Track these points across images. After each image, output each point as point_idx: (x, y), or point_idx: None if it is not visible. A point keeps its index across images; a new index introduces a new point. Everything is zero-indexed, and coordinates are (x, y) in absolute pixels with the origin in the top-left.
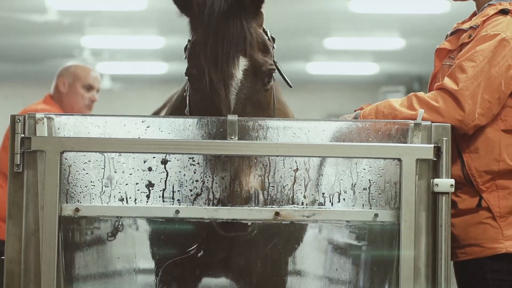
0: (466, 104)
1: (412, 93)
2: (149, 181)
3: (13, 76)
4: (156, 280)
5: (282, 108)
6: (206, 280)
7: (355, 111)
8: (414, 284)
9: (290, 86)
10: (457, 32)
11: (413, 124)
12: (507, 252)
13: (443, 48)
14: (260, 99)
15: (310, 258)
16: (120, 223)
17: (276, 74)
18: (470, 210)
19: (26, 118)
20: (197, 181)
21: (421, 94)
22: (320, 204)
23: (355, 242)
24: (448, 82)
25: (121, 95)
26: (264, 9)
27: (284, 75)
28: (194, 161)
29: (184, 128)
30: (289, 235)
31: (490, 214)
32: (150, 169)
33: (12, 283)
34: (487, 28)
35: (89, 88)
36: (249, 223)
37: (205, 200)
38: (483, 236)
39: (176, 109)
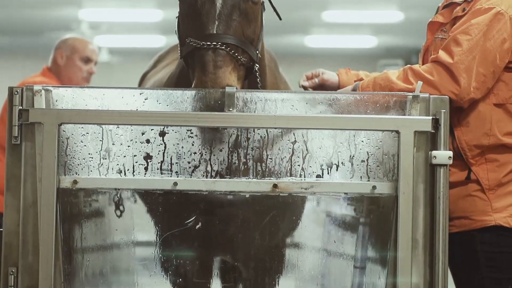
0: (461, 78)
1: (408, 66)
2: (147, 153)
3: (11, 48)
4: (155, 252)
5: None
6: (205, 253)
7: (354, 81)
8: (412, 256)
9: (280, 19)
10: (450, 5)
11: (411, 96)
12: (496, 225)
13: (436, 21)
14: (247, 10)
15: (308, 230)
16: (119, 195)
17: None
18: (459, 183)
19: (24, 90)
20: (195, 153)
21: (416, 67)
22: (318, 176)
23: (353, 214)
24: (443, 55)
25: (119, 68)
26: None
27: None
28: (192, 133)
29: (182, 100)
30: (287, 207)
31: (479, 187)
32: (148, 141)
33: (10, 255)
34: (481, 1)
35: (87, 60)
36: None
37: (203, 172)
38: (472, 209)
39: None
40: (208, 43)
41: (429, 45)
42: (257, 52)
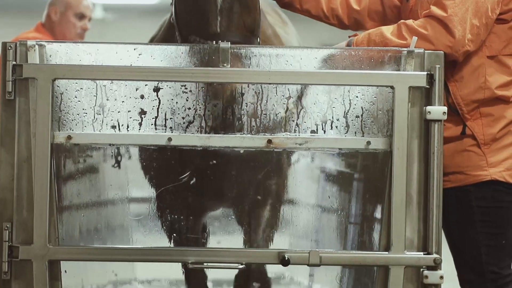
0: (455, 30)
1: (401, 21)
2: (141, 108)
3: (4, 5)
4: (149, 208)
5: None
6: (199, 208)
7: (349, 37)
8: (406, 211)
9: None
10: None
11: (406, 52)
12: (492, 179)
13: None
14: (247, 0)
15: (303, 186)
16: (113, 151)
17: None
18: (455, 138)
19: (17, 45)
20: (189, 108)
21: (409, 22)
22: (313, 132)
23: (347, 170)
24: (435, 9)
25: (113, 25)
26: None
27: None
28: (186, 88)
29: (176, 55)
30: (281, 163)
31: (475, 142)
32: (142, 96)
33: (4, 210)
34: None
35: (81, 16)
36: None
37: (198, 128)
38: (468, 164)
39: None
40: (214, 41)
41: (413, 5)
42: (258, 39)
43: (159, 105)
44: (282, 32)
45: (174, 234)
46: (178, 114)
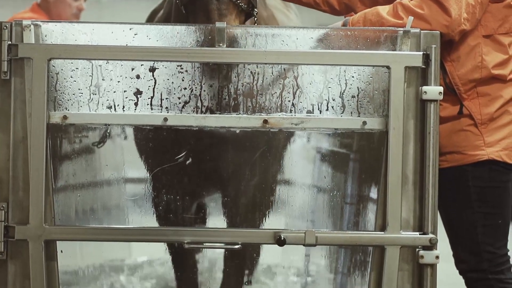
0: (451, 9)
1: (398, 1)
2: (137, 88)
3: None
4: (145, 188)
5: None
6: (194, 187)
7: (345, 17)
8: (402, 191)
9: None
10: None
11: (402, 32)
12: (489, 159)
13: None
14: None
15: (298, 166)
16: (109, 131)
17: None
18: (452, 118)
19: (13, 25)
20: (185, 88)
21: (405, 1)
22: (309, 112)
23: (343, 150)
24: None
25: (109, 5)
26: None
27: None
28: (182, 68)
29: (172, 35)
30: (277, 143)
31: (472, 121)
32: (138, 76)
33: (0, 190)
34: None
35: None
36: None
37: (194, 108)
38: (465, 144)
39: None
40: None
41: None
42: (254, 11)
43: (154, 85)
44: (281, 16)
45: (170, 215)
46: (174, 94)
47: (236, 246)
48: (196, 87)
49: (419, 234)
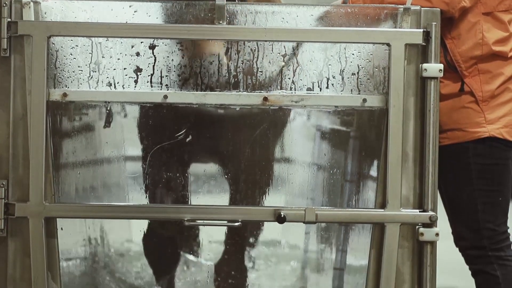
0: None
1: None
2: (137, 66)
3: None
4: (144, 165)
5: None
6: (194, 165)
7: None
8: (402, 168)
9: None
10: None
11: (402, 9)
12: (490, 136)
13: None
14: None
15: (298, 144)
16: (108, 109)
17: None
18: (453, 95)
19: (12, 2)
20: (185, 66)
21: None
22: (309, 89)
23: (343, 128)
24: None
25: None
26: None
27: None
28: (182, 46)
29: (172, 12)
30: (277, 121)
31: (473, 98)
32: (138, 54)
33: (0, 168)
34: None
35: None
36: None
37: (193, 86)
38: (466, 121)
39: None
40: None
41: None
42: None
43: (154, 63)
44: None
45: (170, 192)
46: (174, 71)
47: (236, 224)
48: (196, 65)
49: (419, 212)
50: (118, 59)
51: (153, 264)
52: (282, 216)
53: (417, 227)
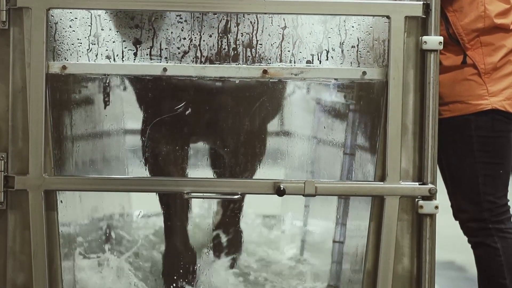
0: None
1: None
2: (136, 38)
3: None
4: (144, 139)
5: None
6: (194, 139)
7: None
8: (401, 141)
9: None
10: None
11: None
12: (492, 108)
13: None
14: None
15: (298, 117)
16: (108, 81)
17: None
18: (455, 67)
19: None
20: (184, 38)
21: None
22: (308, 62)
23: (343, 101)
24: None
25: None
26: None
27: None
28: (181, 18)
29: None
30: (276, 93)
31: (475, 71)
32: (137, 26)
33: (0, 140)
34: None
35: None
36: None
37: (193, 58)
38: (469, 93)
39: None
40: None
41: None
42: None
43: (154, 35)
44: None
45: (170, 165)
46: (173, 44)
47: (236, 196)
48: (195, 37)
49: (419, 184)
50: (117, 31)
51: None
52: (282, 188)
53: (416, 200)
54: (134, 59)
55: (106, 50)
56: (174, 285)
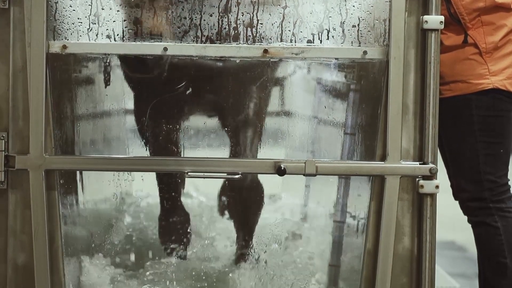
0: None
1: None
2: (136, 18)
3: None
4: (144, 118)
5: None
6: (194, 119)
7: None
8: (402, 121)
9: None
10: None
11: None
12: (493, 88)
13: None
14: None
15: (299, 97)
16: (108, 61)
17: None
18: (456, 47)
19: None
20: (185, 18)
21: None
22: (309, 41)
23: (343, 81)
24: None
25: None
26: None
27: None
28: None
29: None
30: (277, 73)
31: (477, 50)
32: (137, 5)
33: (0, 120)
34: None
35: None
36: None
37: (194, 38)
38: (470, 72)
39: None
40: None
41: None
42: None
43: (154, 15)
44: None
45: (170, 144)
46: (174, 23)
47: (237, 176)
48: (196, 16)
49: (419, 164)
50: (118, 10)
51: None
52: (282, 168)
53: (417, 179)
54: (135, 39)
55: (107, 29)
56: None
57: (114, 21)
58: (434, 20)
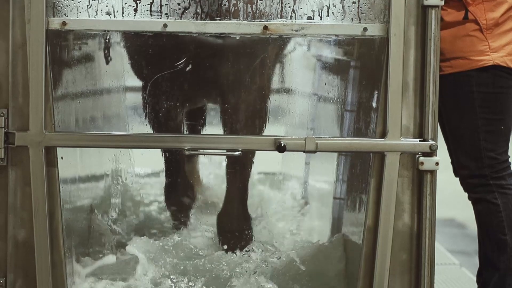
0: None
1: None
2: None
3: None
4: (145, 95)
5: None
6: (195, 96)
7: None
8: (402, 98)
9: None
10: None
11: None
12: (494, 64)
13: None
14: None
15: (299, 74)
16: (108, 38)
17: None
18: (457, 23)
19: None
20: None
21: None
22: (309, 18)
23: (344, 58)
24: None
25: None
26: None
27: None
28: None
29: None
30: (277, 50)
31: (477, 27)
32: None
33: (0, 97)
34: None
35: None
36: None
37: (193, 14)
38: (470, 49)
39: None
40: None
41: None
42: None
43: None
44: None
45: (170, 122)
46: (174, 0)
47: (236, 153)
48: None
49: (419, 141)
50: None
51: None
52: (282, 145)
53: (417, 156)
54: (134, 15)
55: (106, 6)
56: None
57: None
58: None
